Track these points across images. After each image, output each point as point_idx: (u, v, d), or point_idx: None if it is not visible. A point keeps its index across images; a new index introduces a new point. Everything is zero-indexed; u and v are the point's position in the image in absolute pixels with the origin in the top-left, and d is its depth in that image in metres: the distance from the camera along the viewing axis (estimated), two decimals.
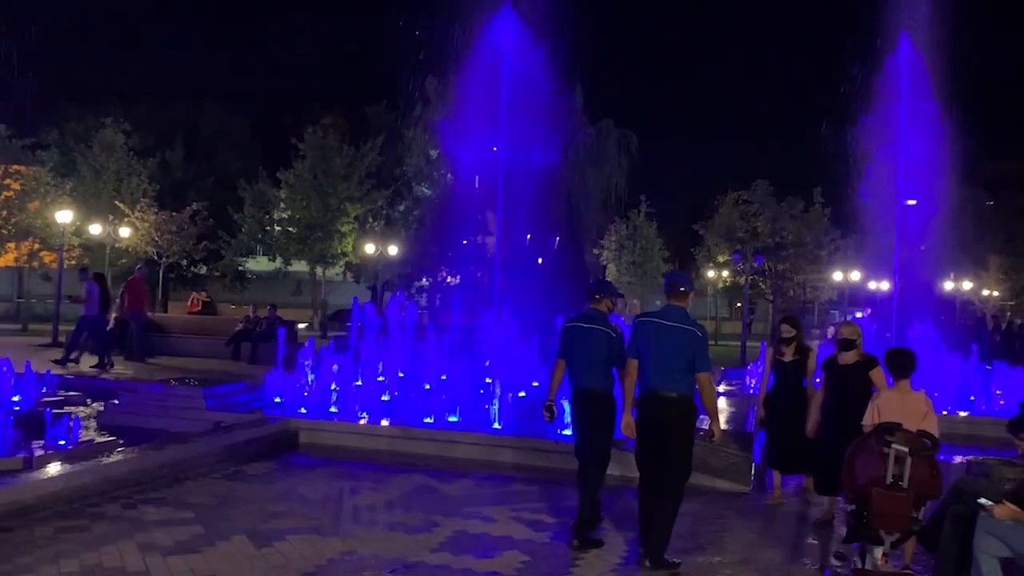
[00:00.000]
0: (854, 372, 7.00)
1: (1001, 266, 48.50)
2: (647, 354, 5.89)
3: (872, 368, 6.95)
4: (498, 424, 10.13)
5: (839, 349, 7.18)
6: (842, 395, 6.92)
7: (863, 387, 6.77)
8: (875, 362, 6.97)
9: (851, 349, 7.08)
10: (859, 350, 7.11)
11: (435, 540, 6.31)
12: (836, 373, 7.12)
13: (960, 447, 10.79)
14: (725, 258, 39.27)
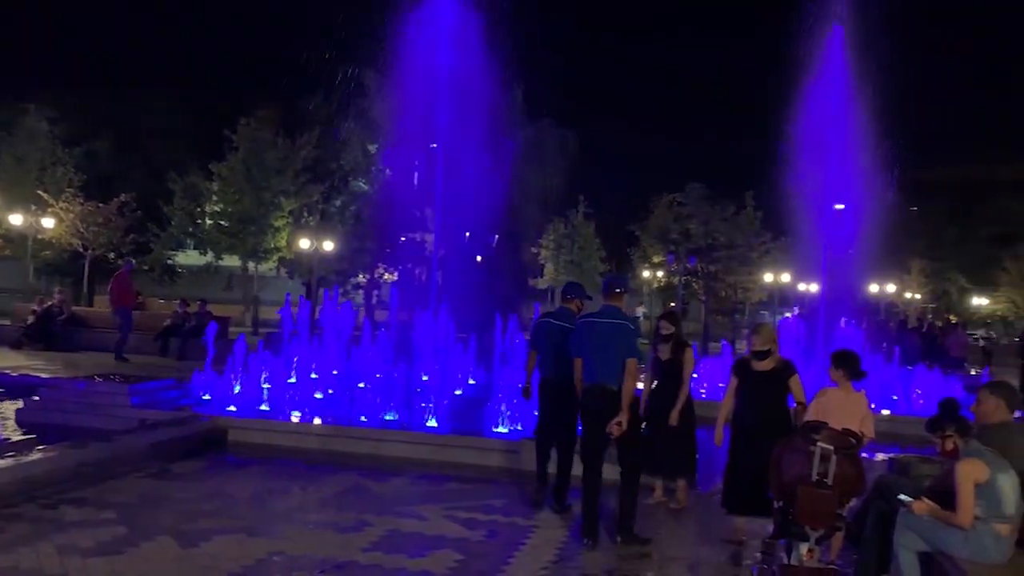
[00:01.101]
0: (770, 379, 6.45)
1: (923, 270, 50.30)
2: (589, 351, 6.46)
3: (791, 375, 6.46)
4: (433, 423, 10.07)
5: (753, 357, 6.55)
6: (756, 404, 6.39)
7: (779, 395, 6.43)
8: (793, 369, 6.52)
9: (766, 358, 6.48)
10: (775, 356, 6.54)
11: (367, 539, 6.23)
12: (750, 380, 6.49)
13: (882, 445, 11.12)
14: (660, 259, 39.84)
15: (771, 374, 6.45)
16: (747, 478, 6.20)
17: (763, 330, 6.66)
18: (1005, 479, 4.85)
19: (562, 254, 47.89)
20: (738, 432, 6.45)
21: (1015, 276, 46.61)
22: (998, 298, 49.21)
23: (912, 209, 52.42)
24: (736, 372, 6.63)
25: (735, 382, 6.56)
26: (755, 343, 6.51)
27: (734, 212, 34.07)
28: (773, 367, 6.47)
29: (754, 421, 6.32)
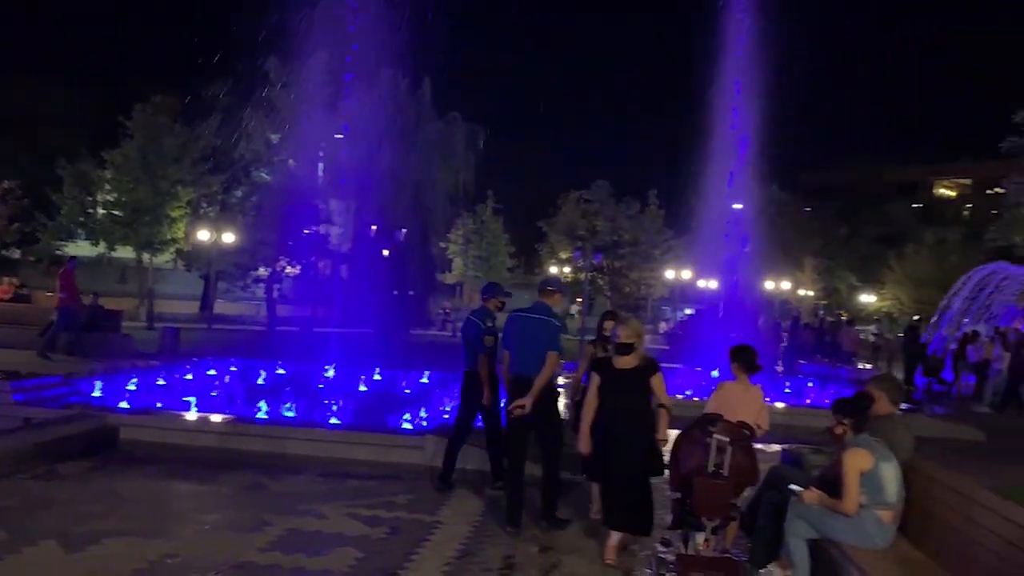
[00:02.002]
0: (632, 378, 6.02)
1: (816, 268, 52.34)
2: (516, 344, 6.84)
3: (653, 374, 6.03)
4: (335, 419, 9.91)
5: (616, 352, 6.11)
6: (618, 404, 5.97)
7: (642, 395, 6.02)
8: (656, 367, 6.10)
9: (630, 353, 6.03)
10: (640, 352, 6.11)
11: (265, 539, 6.08)
12: (612, 379, 6.05)
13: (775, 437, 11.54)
14: (567, 255, 40.32)
15: (633, 372, 6.01)
16: (611, 485, 6.01)
17: (630, 322, 6.21)
18: (888, 468, 5.10)
19: (470, 249, 47.94)
20: (600, 434, 6.01)
21: (900, 275, 49.00)
22: (884, 295, 51.65)
23: (806, 209, 54.62)
24: (598, 370, 6.15)
25: (597, 381, 6.10)
26: (621, 334, 6.04)
27: (639, 210, 34.78)
28: (636, 365, 6.04)
29: (616, 423, 5.95)
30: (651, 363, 6.11)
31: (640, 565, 5.95)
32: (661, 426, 5.93)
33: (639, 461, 5.92)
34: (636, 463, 5.92)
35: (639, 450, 5.92)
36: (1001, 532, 4.34)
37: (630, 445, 5.89)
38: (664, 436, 5.94)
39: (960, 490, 5.00)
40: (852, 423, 5.29)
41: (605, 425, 5.99)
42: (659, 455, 5.95)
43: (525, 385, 6.59)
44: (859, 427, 5.29)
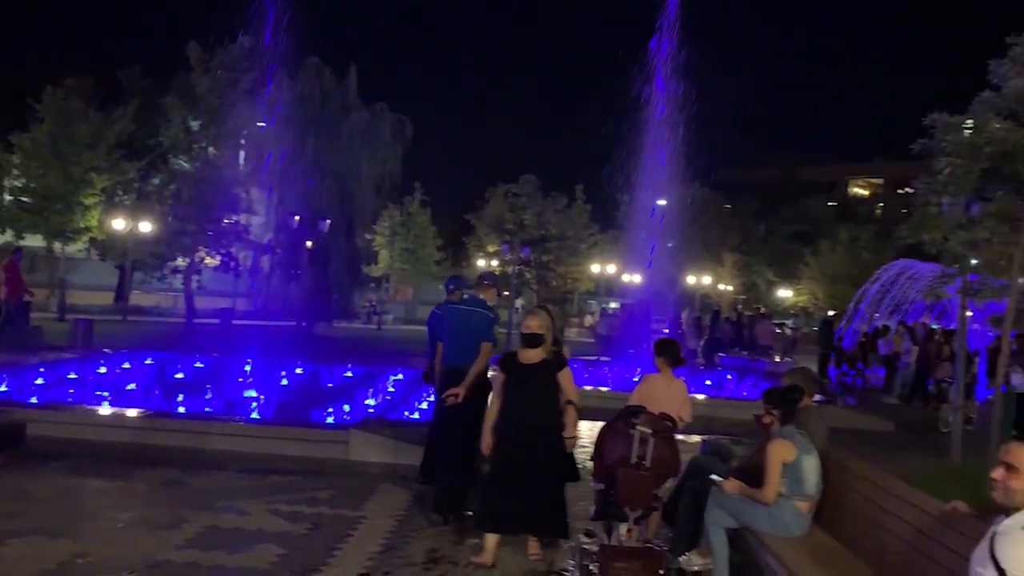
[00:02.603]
0: (539, 373, 5.73)
1: (735, 263, 53.68)
2: (451, 336, 7.02)
3: (560, 369, 5.79)
4: (256, 414, 9.71)
5: (523, 344, 5.79)
6: (524, 401, 5.69)
7: (549, 391, 5.73)
8: (564, 362, 5.88)
9: (538, 345, 5.75)
10: (548, 347, 5.81)
11: (183, 537, 5.92)
12: (518, 374, 5.75)
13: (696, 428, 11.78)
14: (495, 248, 40.38)
15: (540, 367, 5.72)
16: (512, 489, 5.65)
17: (540, 313, 5.91)
18: (809, 460, 5.27)
19: (397, 241, 47.55)
20: (503, 434, 5.70)
21: (815, 270, 50.70)
22: (800, 290, 53.38)
23: (727, 207, 55.94)
24: (503, 366, 5.82)
25: (502, 377, 5.78)
26: (529, 325, 5.75)
27: (566, 204, 35.06)
28: (543, 359, 5.74)
29: (522, 422, 5.66)
30: (558, 358, 5.85)
31: (564, 556, 5.99)
32: (570, 424, 5.71)
33: (545, 462, 5.67)
34: (542, 464, 5.66)
35: (545, 450, 5.68)
36: (909, 518, 4.52)
37: (535, 445, 5.63)
38: (573, 434, 5.76)
39: (871, 479, 5.18)
40: (780, 414, 5.44)
41: (509, 423, 5.68)
42: (570, 457, 5.77)
43: (459, 376, 6.65)
44: (786, 418, 5.44)
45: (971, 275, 9.27)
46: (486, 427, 5.78)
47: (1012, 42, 8.62)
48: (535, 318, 5.80)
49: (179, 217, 23.00)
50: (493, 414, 5.78)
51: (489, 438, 5.74)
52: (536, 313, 5.91)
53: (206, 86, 26.12)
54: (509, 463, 5.65)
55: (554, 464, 5.73)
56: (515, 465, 5.63)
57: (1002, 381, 9.30)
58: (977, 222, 9.18)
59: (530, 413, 5.67)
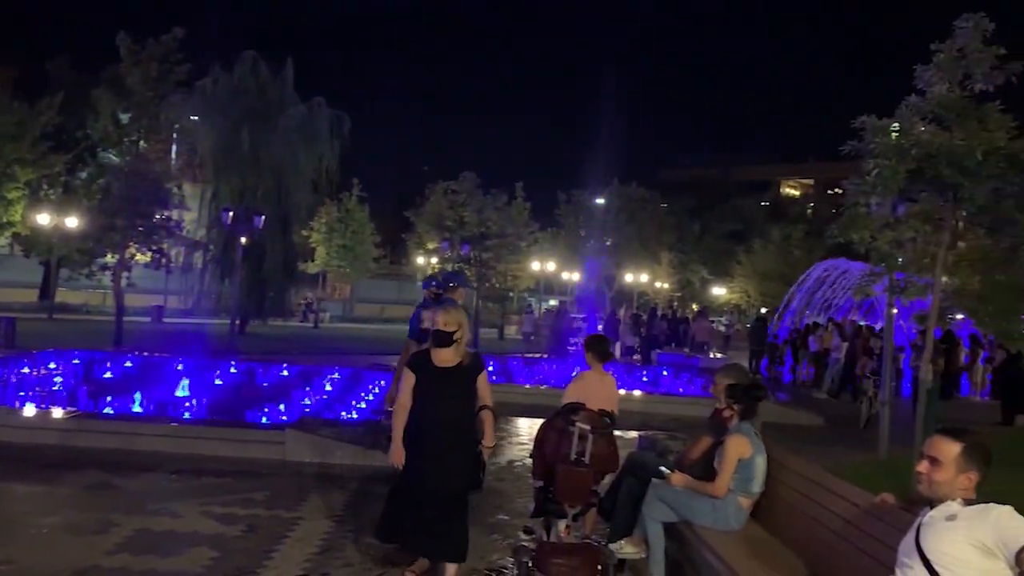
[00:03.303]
0: (454, 377, 5.15)
1: (671, 261, 54.45)
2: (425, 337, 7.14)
3: (479, 373, 5.24)
4: (188, 414, 9.49)
5: (434, 344, 5.20)
6: (436, 408, 5.09)
7: (465, 398, 5.17)
8: (482, 365, 5.31)
9: (448, 344, 5.14)
10: (463, 348, 5.23)
11: (112, 542, 5.74)
12: (429, 377, 5.15)
13: (632, 424, 11.93)
14: (434, 245, 40.17)
15: (456, 371, 5.15)
16: (416, 505, 5.09)
17: (451, 309, 5.30)
18: (761, 460, 5.40)
19: (334, 238, 46.95)
20: (413, 444, 5.11)
21: (748, 269, 51.72)
22: (734, 288, 54.41)
23: (663, 205, 56.71)
24: (413, 368, 5.22)
25: (411, 380, 5.18)
26: (439, 321, 5.13)
27: (506, 202, 35.09)
28: (459, 362, 5.17)
29: (433, 431, 5.07)
30: (476, 360, 5.28)
31: (502, 554, 6.00)
32: (487, 432, 5.24)
33: (456, 475, 5.09)
34: (455, 482, 5.10)
35: (458, 462, 5.10)
36: (839, 510, 4.64)
37: (447, 456, 5.06)
38: (490, 443, 5.28)
39: (803, 472, 5.31)
40: (741, 409, 5.54)
41: (420, 434, 5.09)
42: (482, 467, 5.25)
43: None
44: (746, 414, 5.54)
45: (897, 273, 9.56)
46: (395, 436, 5.17)
47: (936, 49, 8.91)
48: (445, 314, 5.17)
49: (108, 212, 22.27)
50: (402, 421, 5.18)
51: (400, 449, 5.13)
52: (447, 309, 5.27)
53: (137, 78, 25.36)
54: (417, 476, 5.07)
55: (464, 479, 5.15)
56: (423, 479, 5.05)
57: (926, 376, 9.62)
58: (903, 222, 9.47)
59: (444, 421, 5.07)
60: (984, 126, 8.44)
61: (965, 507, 3.16)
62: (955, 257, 9.91)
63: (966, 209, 8.87)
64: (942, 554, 3.08)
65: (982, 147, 8.29)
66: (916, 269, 9.38)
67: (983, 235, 9.56)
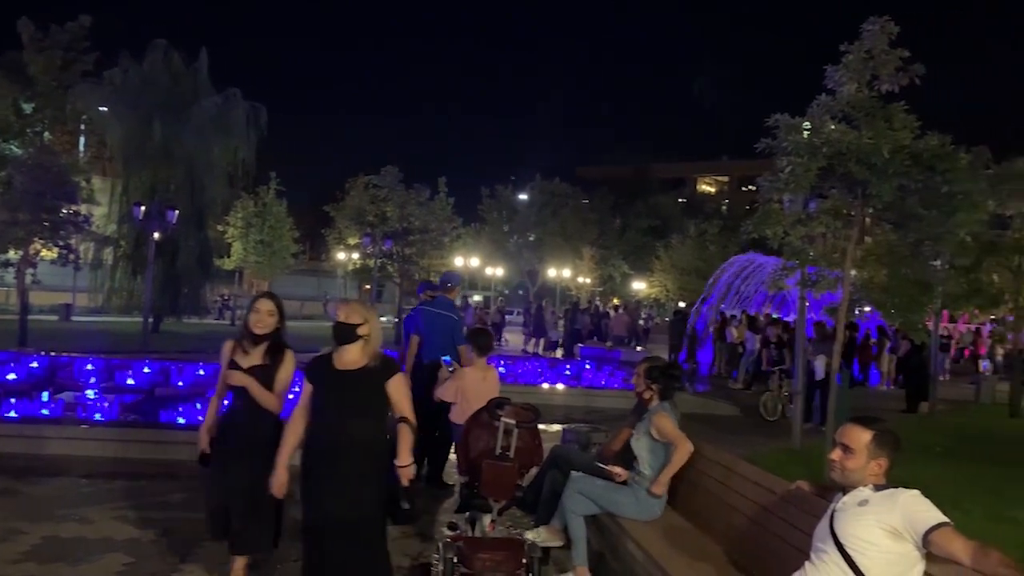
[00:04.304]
0: (360, 382, 4.29)
1: (593, 257, 55.09)
2: (427, 333, 7.81)
3: (390, 377, 4.33)
4: (99, 415, 9.14)
5: (335, 339, 4.33)
6: (337, 419, 4.24)
7: (373, 406, 4.30)
8: (394, 368, 4.41)
9: (350, 340, 4.30)
10: (373, 348, 4.36)
11: (17, 550, 5.49)
12: (330, 383, 4.32)
13: (555, 417, 12.04)
14: (355, 240, 39.68)
15: (361, 375, 4.30)
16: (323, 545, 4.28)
17: (354, 301, 4.52)
18: None
19: (252, 233, 45.92)
20: (309, 464, 4.30)
21: (666, 263, 52.65)
22: (653, 282, 55.32)
23: (584, 201, 57.31)
24: (311, 374, 4.41)
25: (309, 388, 4.40)
26: (341, 313, 4.35)
27: (428, 197, 34.88)
28: (365, 365, 4.33)
29: (331, 449, 4.22)
30: (388, 364, 4.39)
31: (427, 551, 5.98)
32: (402, 449, 4.24)
33: (363, 511, 4.23)
34: (360, 513, 4.23)
35: (365, 493, 4.22)
36: (755, 498, 4.78)
37: (348, 484, 4.20)
38: (405, 462, 4.24)
39: (720, 461, 5.45)
40: (659, 389, 5.66)
41: (315, 453, 4.29)
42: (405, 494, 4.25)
43: (433, 369, 7.41)
44: (665, 394, 5.67)
45: (809, 268, 9.87)
46: (281, 457, 4.35)
47: (845, 49, 9.24)
48: (347, 304, 4.41)
49: (11, 207, 21.24)
50: (293, 439, 4.37)
51: (283, 474, 4.33)
52: (350, 301, 4.53)
53: (40, 66, 24.28)
54: (314, 506, 4.27)
55: (374, 509, 4.25)
56: (321, 509, 4.24)
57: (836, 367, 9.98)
58: (814, 218, 9.80)
59: (344, 437, 4.21)
60: (890, 125, 8.79)
61: (875, 492, 3.28)
62: (863, 252, 10.28)
63: (874, 205, 9.21)
64: (855, 538, 3.19)
65: (888, 145, 8.63)
66: (827, 263, 9.71)
67: (889, 231, 9.94)
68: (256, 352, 4.83)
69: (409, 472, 4.25)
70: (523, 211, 54.18)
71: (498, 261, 53.29)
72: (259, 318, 4.84)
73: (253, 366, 4.78)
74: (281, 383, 4.81)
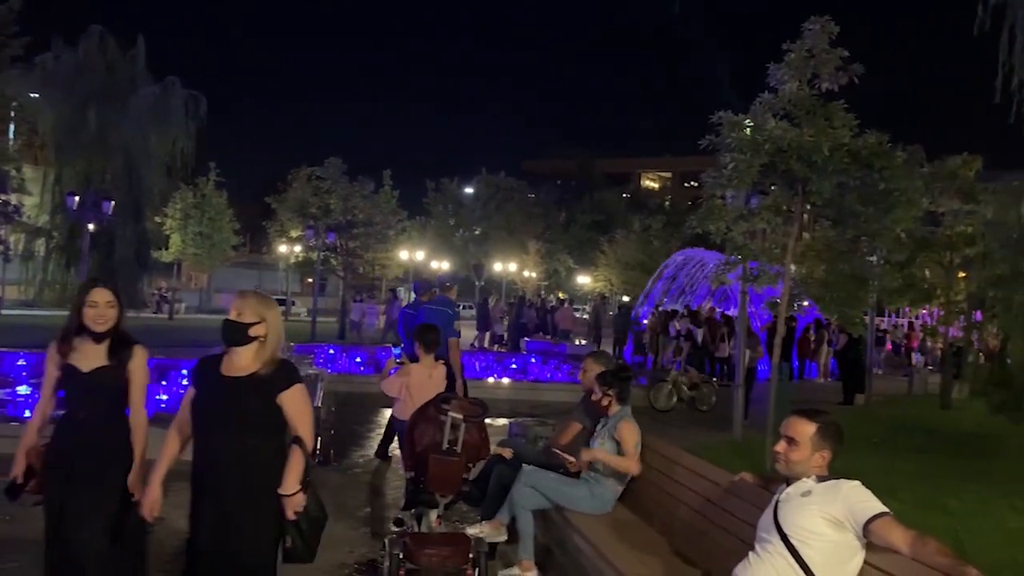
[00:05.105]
0: (250, 391, 3.57)
1: (539, 251, 55.27)
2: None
3: (286, 388, 3.58)
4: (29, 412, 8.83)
5: (226, 341, 3.64)
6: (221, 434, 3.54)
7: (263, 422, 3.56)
8: (293, 377, 3.64)
9: (241, 341, 3.60)
10: (268, 350, 3.63)
11: None
12: (214, 391, 3.61)
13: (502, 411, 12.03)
14: (298, 233, 39.11)
15: (250, 383, 3.59)
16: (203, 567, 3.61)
17: (249, 296, 3.71)
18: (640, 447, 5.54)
19: (190, 225, 44.97)
20: (194, 485, 3.64)
21: (610, 258, 53.08)
22: (598, 277, 55.74)
23: (530, 196, 57.46)
24: (195, 377, 3.74)
25: (191, 395, 3.72)
26: (233, 308, 3.64)
27: (373, 190, 34.55)
28: (255, 372, 3.61)
29: (208, 471, 3.57)
30: (285, 370, 3.66)
31: (372, 547, 5.91)
32: (290, 474, 3.53)
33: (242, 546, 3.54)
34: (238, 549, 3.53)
35: (246, 525, 3.54)
36: (700, 490, 4.83)
37: (225, 514, 3.53)
38: (294, 490, 3.52)
39: (666, 454, 5.50)
40: (617, 393, 5.64)
41: (196, 475, 3.62)
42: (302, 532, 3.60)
43: None
44: (623, 397, 5.65)
45: (751, 263, 10.03)
46: (153, 477, 3.73)
47: (787, 48, 9.39)
48: (242, 300, 3.67)
49: None
50: (170, 453, 3.74)
51: (156, 490, 3.68)
52: (245, 295, 3.74)
53: None
54: (197, 537, 3.63)
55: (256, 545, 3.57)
56: (204, 542, 3.59)
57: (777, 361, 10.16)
58: (756, 214, 9.96)
59: (222, 457, 3.54)
60: (830, 123, 8.97)
61: (818, 483, 3.33)
62: (803, 247, 10.48)
63: (813, 202, 9.40)
64: (799, 528, 3.24)
65: (828, 143, 8.81)
66: (768, 259, 9.87)
67: (828, 227, 10.16)
68: (97, 352, 3.89)
69: (295, 502, 3.53)
70: (469, 205, 54.10)
71: (444, 255, 53.10)
72: (99, 312, 3.89)
73: (97, 369, 3.88)
74: (138, 385, 3.96)
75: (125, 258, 27.56)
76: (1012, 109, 12.72)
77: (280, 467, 3.56)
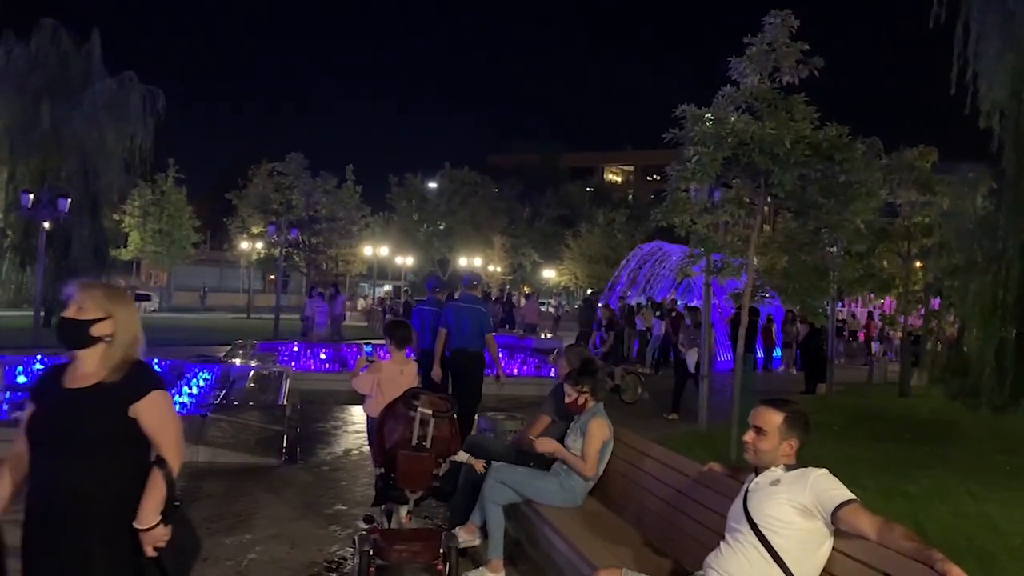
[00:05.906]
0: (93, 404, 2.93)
1: (504, 245, 55.24)
2: (454, 326, 8.98)
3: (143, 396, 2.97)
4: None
5: (63, 344, 3.06)
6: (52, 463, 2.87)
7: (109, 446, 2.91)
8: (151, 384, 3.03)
9: (85, 344, 3.01)
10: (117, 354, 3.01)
11: None
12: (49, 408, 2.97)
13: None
14: (260, 229, 38.68)
15: (95, 396, 2.95)
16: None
17: (92, 288, 3.13)
18: (611, 444, 5.57)
19: (149, 222, 44.29)
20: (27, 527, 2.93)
21: (575, 252, 53.23)
22: (563, 271, 55.86)
23: (495, 190, 57.38)
24: (33, 393, 3.12)
25: (29, 412, 3.04)
26: (73, 303, 3.04)
27: (335, 185, 34.25)
28: (101, 380, 2.97)
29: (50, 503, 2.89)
30: (137, 376, 3.02)
31: (341, 545, 5.87)
32: (146, 504, 2.91)
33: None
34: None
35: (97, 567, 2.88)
36: (668, 480, 4.86)
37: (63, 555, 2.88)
38: (151, 523, 2.90)
39: (635, 445, 5.53)
40: (591, 389, 5.63)
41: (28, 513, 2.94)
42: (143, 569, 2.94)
43: (466, 355, 8.98)
44: (597, 392, 5.65)
45: (714, 255, 10.10)
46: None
47: (749, 42, 9.47)
48: (84, 293, 3.06)
49: None
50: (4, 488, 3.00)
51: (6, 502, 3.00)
52: (88, 286, 3.12)
53: None
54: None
55: None
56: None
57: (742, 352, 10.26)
58: (720, 207, 10.03)
59: (65, 487, 2.88)
60: (791, 116, 9.06)
61: (787, 472, 3.37)
62: (766, 239, 10.59)
63: (775, 194, 9.48)
64: (768, 517, 3.28)
65: (790, 136, 8.89)
66: (731, 251, 9.95)
67: (790, 219, 10.26)
68: None
69: (154, 537, 2.91)
70: (433, 200, 53.89)
71: (408, 250, 52.86)
72: None
73: None
74: None
75: (82, 256, 26.99)
76: (967, 101, 12.97)
77: (133, 496, 2.91)
